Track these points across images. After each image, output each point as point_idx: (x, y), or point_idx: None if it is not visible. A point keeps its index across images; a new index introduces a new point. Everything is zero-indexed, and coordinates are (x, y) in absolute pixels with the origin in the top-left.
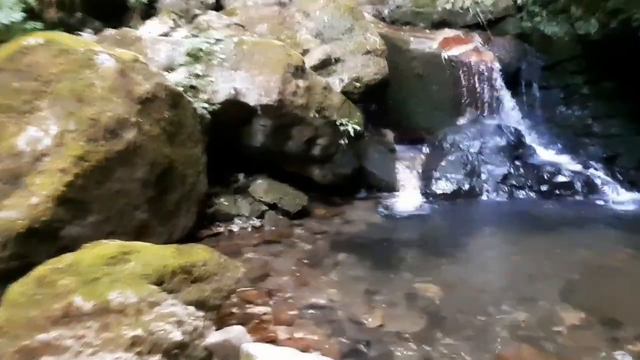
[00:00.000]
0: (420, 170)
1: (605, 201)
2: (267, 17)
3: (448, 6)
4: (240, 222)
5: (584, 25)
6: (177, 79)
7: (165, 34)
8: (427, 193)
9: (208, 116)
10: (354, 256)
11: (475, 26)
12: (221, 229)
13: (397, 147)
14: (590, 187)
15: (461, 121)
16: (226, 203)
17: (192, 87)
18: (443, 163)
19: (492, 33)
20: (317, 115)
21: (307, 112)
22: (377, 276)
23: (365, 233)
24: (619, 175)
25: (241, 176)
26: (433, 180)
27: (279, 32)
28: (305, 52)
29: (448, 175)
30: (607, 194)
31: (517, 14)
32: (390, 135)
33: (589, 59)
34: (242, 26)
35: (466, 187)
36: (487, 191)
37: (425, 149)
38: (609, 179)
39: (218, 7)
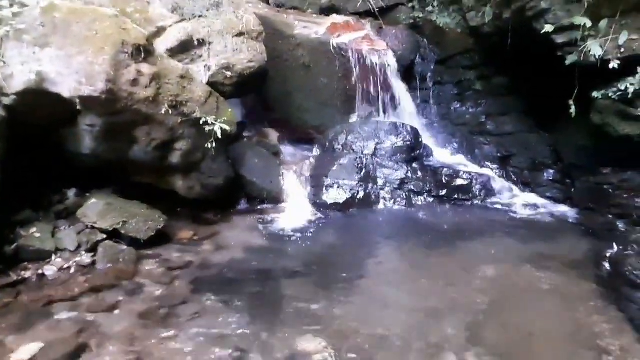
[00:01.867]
0: (309, 176)
1: (502, 205)
2: None
3: None
4: (61, 260)
5: (476, 16)
6: None
7: None
8: (317, 203)
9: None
10: (222, 301)
11: (365, 14)
12: (27, 274)
13: (283, 148)
14: (488, 190)
15: (354, 118)
16: (38, 235)
17: None
18: (334, 167)
19: (384, 22)
20: (171, 112)
21: (157, 107)
22: (251, 332)
23: (241, 262)
24: (513, 176)
25: (71, 193)
26: (324, 189)
27: (124, 4)
28: (160, 30)
29: (340, 181)
30: (504, 197)
31: (409, 2)
32: (273, 135)
33: (482, 53)
34: None
35: (361, 194)
36: (384, 199)
37: (315, 151)
38: (504, 181)
39: None
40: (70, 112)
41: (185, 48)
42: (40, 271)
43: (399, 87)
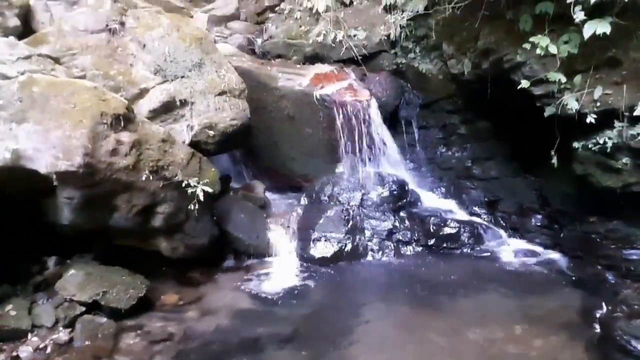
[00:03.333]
0: (296, 228)
1: (491, 253)
2: (93, 46)
3: (320, 39)
4: (37, 339)
5: (456, 64)
6: None
7: None
8: (304, 257)
9: None
10: None
11: (349, 61)
12: (1, 357)
13: (271, 196)
14: (476, 237)
15: (340, 168)
16: (14, 312)
17: None
18: (321, 220)
19: (367, 69)
20: (152, 178)
21: (137, 174)
22: None
23: (227, 331)
24: (502, 221)
25: (51, 262)
26: (311, 242)
27: (107, 67)
28: (143, 91)
29: (328, 234)
30: (493, 245)
31: (392, 49)
32: (260, 187)
33: (464, 98)
34: (55, 59)
35: (349, 247)
36: (372, 250)
37: (303, 200)
38: (492, 226)
39: (27, 32)
40: (48, 186)
41: (168, 109)
42: (14, 353)
43: (384, 135)
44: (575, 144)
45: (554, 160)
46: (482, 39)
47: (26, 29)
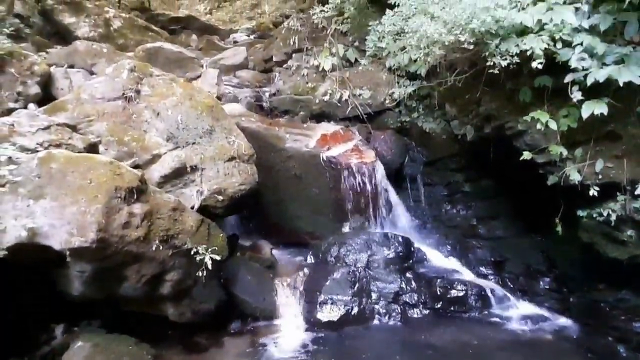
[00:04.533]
0: (302, 290)
1: (499, 318)
2: (109, 113)
3: (326, 98)
4: None
5: (459, 125)
6: None
7: None
8: (311, 321)
9: None
10: None
11: (355, 119)
12: None
13: (277, 253)
14: (484, 300)
15: (346, 228)
16: None
17: None
18: (328, 282)
19: (372, 126)
20: (162, 247)
21: (148, 245)
22: None
23: None
24: (509, 283)
25: (59, 330)
26: (317, 305)
27: (122, 133)
28: (155, 157)
29: (334, 297)
30: (500, 308)
31: (396, 107)
32: (267, 247)
33: (467, 157)
34: (72, 127)
35: (355, 310)
36: (379, 314)
37: (309, 258)
38: (500, 288)
39: (47, 98)
40: (59, 260)
41: (178, 174)
42: None
43: (390, 193)
44: (580, 213)
45: (559, 228)
46: (483, 105)
47: (46, 94)
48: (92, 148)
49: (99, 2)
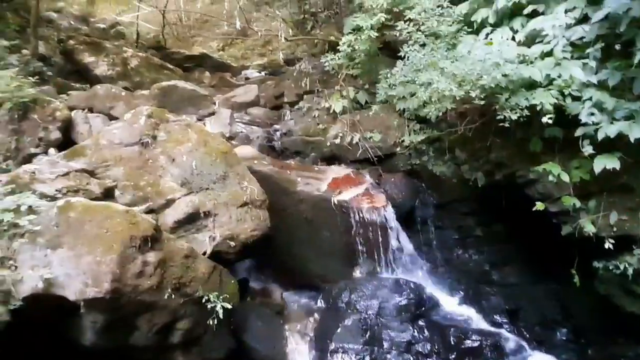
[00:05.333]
0: (313, 337)
1: None
2: (125, 159)
3: (337, 141)
4: None
5: (469, 170)
6: None
7: None
8: None
9: (4, 318)
10: None
11: (365, 161)
12: None
13: (288, 295)
14: (499, 352)
15: (357, 272)
16: None
17: None
18: (339, 330)
19: (382, 169)
20: (174, 296)
21: (160, 293)
22: None
23: None
24: (525, 332)
25: None
26: (328, 354)
27: (138, 178)
28: (169, 202)
29: (345, 345)
30: None
31: (406, 150)
32: (277, 291)
33: (478, 201)
34: (90, 172)
35: None
36: None
37: (320, 302)
38: (515, 338)
39: (67, 142)
40: (72, 310)
41: (192, 219)
42: None
43: (401, 237)
44: (596, 264)
45: (576, 280)
46: (494, 152)
47: (66, 138)
48: (108, 192)
49: (117, 42)
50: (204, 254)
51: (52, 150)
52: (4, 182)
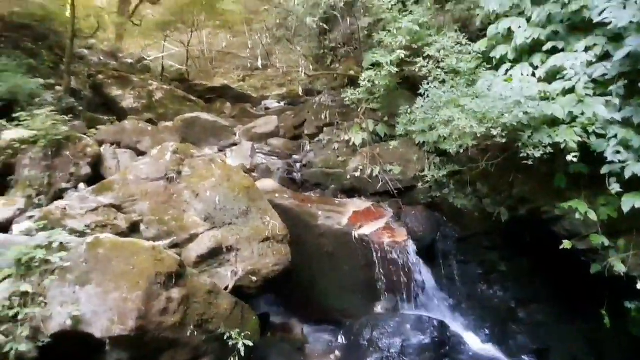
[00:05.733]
0: None
1: None
2: (151, 193)
3: (357, 174)
4: None
5: (491, 203)
6: None
7: (6, 224)
8: None
9: (33, 354)
10: None
11: (386, 194)
12: None
13: (308, 330)
14: None
15: (379, 307)
16: None
17: (14, 316)
18: None
19: (403, 202)
20: (197, 332)
21: (183, 330)
22: None
23: None
24: None
25: None
26: None
27: (163, 212)
28: (192, 237)
29: None
30: None
31: (426, 183)
32: (297, 327)
33: (502, 235)
34: (117, 207)
35: None
36: None
37: (340, 338)
38: None
39: (95, 176)
40: (98, 346)
41: (214, 254)
42: None
43: (422, 272)
44: (628, 305)
45: (606, 321)
46: (516, 187)
47: (95, 173)
48: (134, 227)
49: (143, 76)
50: (226, 289)
51: (82, 185)
52: (37, 217)
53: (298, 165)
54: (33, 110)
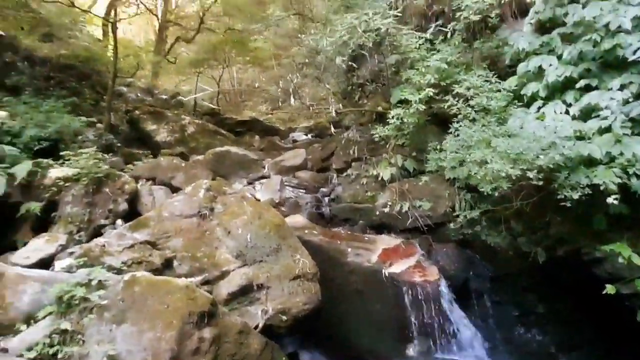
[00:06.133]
0: None
1: None
2: (185, 230)
3: (386, 210)
4: None
5: (526, 242)
6: (33, 338)
7: (49, 259)
8: None
9: None
10: None
11: (415, 230)
12: None
13: None
14: None
15: (410, 350)
16: None
17: (54, 355)
18: None
19: (433, 239)
20: None
21: None
22: None
23: None
24: None
25: None
26: None
27: (195, 249)
28: (224, 274)
29: None
30: None
31: (457, 219)
32: None
33: (539, 275)
34: (152, 243)
35: None
36: None
37: None
38: None
39: (132, 212)
40: None
41: (245, 292)
42: None
43: (455, 313)
44: None
45: None
46: (553, 227)
47: (131, 209)
48: (168, 263)
49: (177, 111)
50: (256, 327)
51: (119, 222)
52: (77, 254)
53: (326, 199)
54: (76, 147)
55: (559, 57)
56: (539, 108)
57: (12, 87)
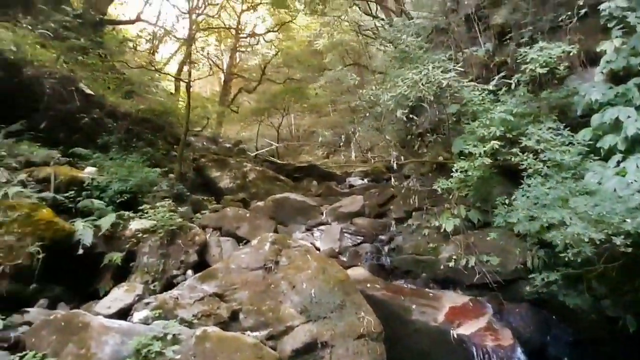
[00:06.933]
0: None
1: None
2: (250, 282)
3: (451, 264)
4: None
5: (612, 306)
6: None
7: (127, 309)
8: None
9: None
10: None
11: (483, 286)
12: None
13: None
14: None
15: None
16: None
17: None
18: None
19: (503, 297)
20: None
21: None
22: None
23: None
24: None
25: None
26: None
27: (260, 302)
28: (288, 329)
29: None
30: None
31: (530, 277)
32: None
33: (630, 344)
34: (220, 295)
35: None
36: None
37: None
38: None
39: (201, 262)
40: None
41: (309, 349)
42: None
43: None
44: None
45: None
46: None
47: (200, 259)
48: (234, 316)
49: (239, 158)
50: None
51: (189, 272)
52: (152, 306)
53: (386, 248)
54: (151, 196)
55: (637, 108)
56: (619, 162)
57: (103, 145)
